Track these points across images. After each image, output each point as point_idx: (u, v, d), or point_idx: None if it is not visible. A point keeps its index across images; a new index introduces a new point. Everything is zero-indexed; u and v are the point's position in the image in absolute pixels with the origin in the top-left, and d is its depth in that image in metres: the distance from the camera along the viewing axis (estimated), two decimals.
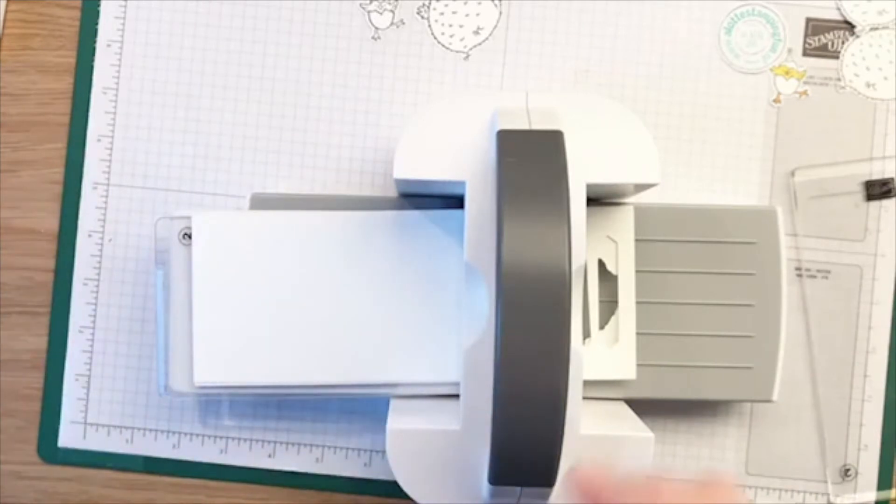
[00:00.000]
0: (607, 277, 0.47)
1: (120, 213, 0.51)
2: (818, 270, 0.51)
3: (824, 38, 0.51)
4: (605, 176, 0.43)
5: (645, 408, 0.47)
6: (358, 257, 0.47)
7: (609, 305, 0.47)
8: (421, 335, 0.46)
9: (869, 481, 0.51)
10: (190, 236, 0.46)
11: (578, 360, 0.41)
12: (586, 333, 0.47)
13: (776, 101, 0.51)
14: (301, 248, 0.46)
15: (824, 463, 0.51)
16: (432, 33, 0.52)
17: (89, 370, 0.51)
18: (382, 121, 0.51)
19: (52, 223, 0.52)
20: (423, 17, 0.52)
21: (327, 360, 0.46)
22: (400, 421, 0.43)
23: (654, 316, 0.48)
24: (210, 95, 0.51)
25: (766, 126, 0.51)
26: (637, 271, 0.47)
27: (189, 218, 0.47)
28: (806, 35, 0.51)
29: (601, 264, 0.47)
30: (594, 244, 0.47)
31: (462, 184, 0.43)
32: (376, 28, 0.52)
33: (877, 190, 0.51)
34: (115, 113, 0.51)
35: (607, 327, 0.47)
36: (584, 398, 0.43)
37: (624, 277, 0.47)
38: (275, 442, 0.51)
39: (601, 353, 0.46)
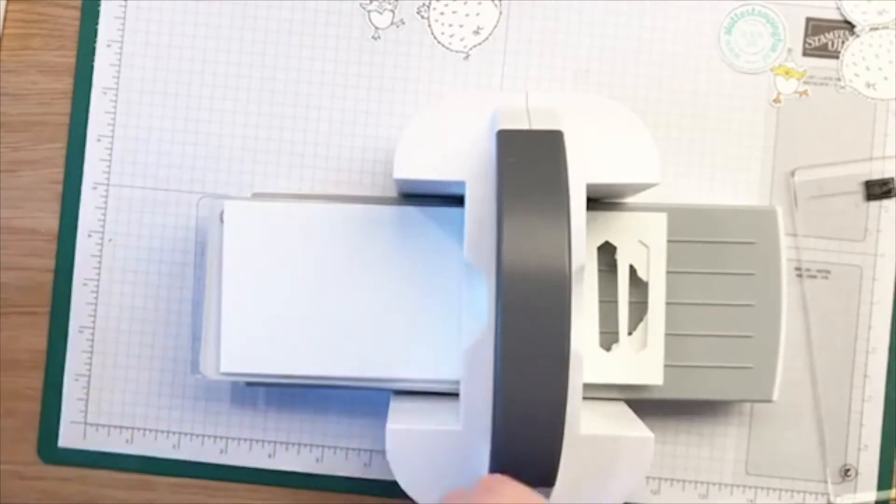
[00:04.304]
0: (635, 282, 0.47)
1: (120, 213, 0.51)
2: (818, 270, 0.51)
3: (824, 38, 0.51)
4: (605, 176, 0.43)
5: (645, 408, 0.47)
6: (385, 250, 0.47)
7: (636, 309, 0.47)
8: (432, 330, 0.46)
9: (869, 481, 0.51)
10: None
11: (578, 360, 0.41)
12: (613, 338, 0.47)
13: (776, 101, 0.51)
14: (329, 240, 0.47)
15: (824, 463, 0.51)
16: (432, 33, 0.52)
17: (89, 370, 0.51)
18: (382, 121, 0.51)
19: (52, 223, 0.52)
20: (423, 17, 0.52)
21: (339, 352, 0.46)
22: (400, 421, 0.43)
23: None
24: (210, 95, 0.51)
25: (766, 126, 0.51)
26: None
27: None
28: (806, 35, 0.51)
29: (632, 270, 0.47)
30: (626, 249, 0.47)
31: (462, 184, 0.43)
32: (376, 28, 0.52)
33: (877, 190, 0.51)
34: (115, 113, 0.51)
35: (635, 333, 0.47)
36: (585, 398, 0.43)
37: (654, 283, 0.47)
38: (275, 442, 0.51)
39: (629, 358, 0.46)
